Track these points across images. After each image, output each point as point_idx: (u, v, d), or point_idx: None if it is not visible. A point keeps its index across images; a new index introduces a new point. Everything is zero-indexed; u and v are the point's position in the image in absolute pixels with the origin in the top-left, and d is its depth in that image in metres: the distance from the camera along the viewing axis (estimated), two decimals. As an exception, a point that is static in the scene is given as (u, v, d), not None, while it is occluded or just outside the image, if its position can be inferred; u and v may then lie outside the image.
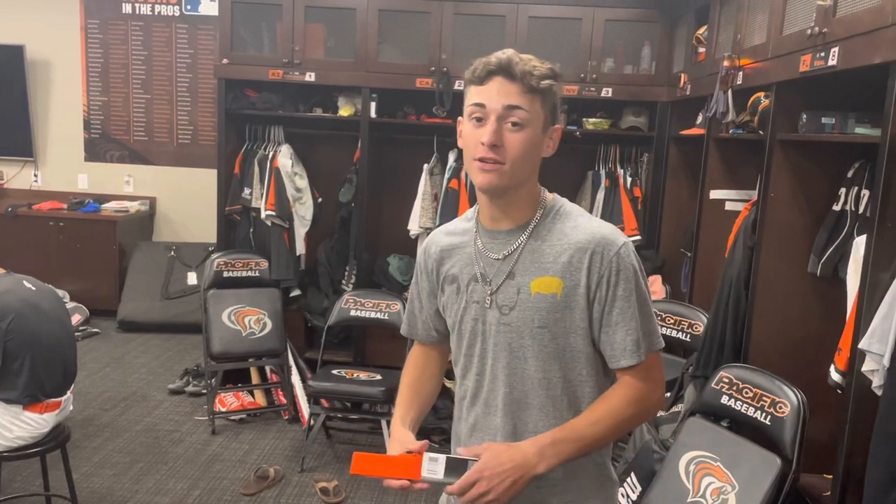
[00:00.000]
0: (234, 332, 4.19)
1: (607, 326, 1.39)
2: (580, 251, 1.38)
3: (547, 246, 1.41)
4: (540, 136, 1.38)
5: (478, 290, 1.45)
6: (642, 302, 1.40)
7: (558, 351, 1.40)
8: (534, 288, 1.39)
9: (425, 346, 1.66)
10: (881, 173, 1.90)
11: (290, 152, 4.61)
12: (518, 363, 1.42)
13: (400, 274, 4.87)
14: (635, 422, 1.47)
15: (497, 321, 1.42)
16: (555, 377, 1.41)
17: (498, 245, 1.44)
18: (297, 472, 3.62)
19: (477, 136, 1.36)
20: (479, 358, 1.47)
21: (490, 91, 1.35)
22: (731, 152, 3.30)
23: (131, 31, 6.08)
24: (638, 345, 1.39)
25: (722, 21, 3.29)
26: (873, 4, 1.96)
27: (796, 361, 2.58)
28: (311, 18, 4.37)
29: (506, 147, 1.34)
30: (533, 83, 1.34)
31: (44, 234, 5.83)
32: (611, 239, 1.39)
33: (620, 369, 1.41)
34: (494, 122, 1.34)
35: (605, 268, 1.37)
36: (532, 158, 1.39)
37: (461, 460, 1.36)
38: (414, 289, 1.63)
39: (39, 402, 2.72)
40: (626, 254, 1.39)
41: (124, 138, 6.24)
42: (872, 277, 1.95)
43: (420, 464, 1.37)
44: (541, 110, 1.37)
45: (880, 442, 1.89)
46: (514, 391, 1.43)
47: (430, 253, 1.57)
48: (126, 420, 4.13)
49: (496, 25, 4.28)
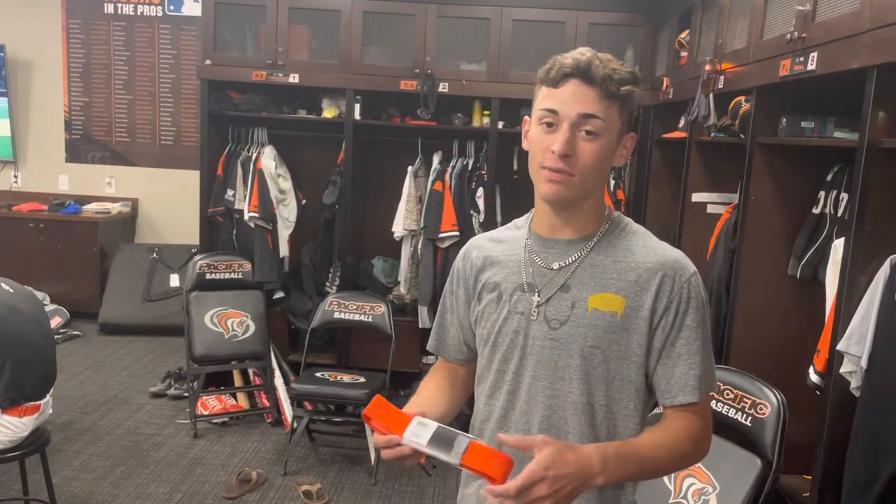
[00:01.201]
0: (216, 334, 4.16)
1: (667, 358, 1.28)
2: (650, 272, 1.28)
3: (611, 261, 1.30)
4: (614, 145, 1.28)
5: (523, 301, 1.32)
6: (706, 337, 1.30)
7: (607, 376, 1.28)
8: (591, 304, 1.28)
9: (452, 365, 1.51)
10: (859, 177, 1.93)
11: (274, 154, 4.60)
12: (561, 384, 1.29)
13: (384, 276, 4.87)
14: (688, 461, 1.33)
15: (544, 335, 1.30)
16: (598, 404, 1.29)
17: (553, 255, 1.33)
18: (280, 475, 3.60)
19: (546, 143, 1.25)
20: (513, 374, 1.34)
21: (564, 95, 1.24)
22: (713, 155, 3.33)
23: (113, 32, 6.03)
24: (699, 381, 1.27)
25: (704, 26, 3.32)
26: (852, 10, 1.98)
27: (776, 363, 2.60)
28: (294, 20, 4.36)
29: (577, 157, 1.24)
30: (612, 88, 1.23)
31: (24, 235, 5.77)
32: (683, 264, 1.30)
33: (674, 407, 1.29)
34: (567, 129, 1.23)
35: (675, 294, 1.27)
36: (603, 169, 1.29)
37: (452, 434, 1.19)
38: (448, 299, 1.49)
39: (18, 406, 2.69)
40: (698, 284, 1.29)
41: (106, 139, 6.18)
42: (851, 280, 1.97)
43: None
44: (618, 118, 1.26)
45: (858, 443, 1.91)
46: (552, 415, 1.30)
47: (470, 258, 1.44)
48: (107, 424, 4.09)
49: (480, 28, 4.29)
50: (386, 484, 3.60)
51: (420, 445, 1.19)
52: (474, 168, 4.52)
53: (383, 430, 1.22)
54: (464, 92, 4.32)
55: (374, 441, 1.26)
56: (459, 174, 4.46)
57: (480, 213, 4.40)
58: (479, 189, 4.43)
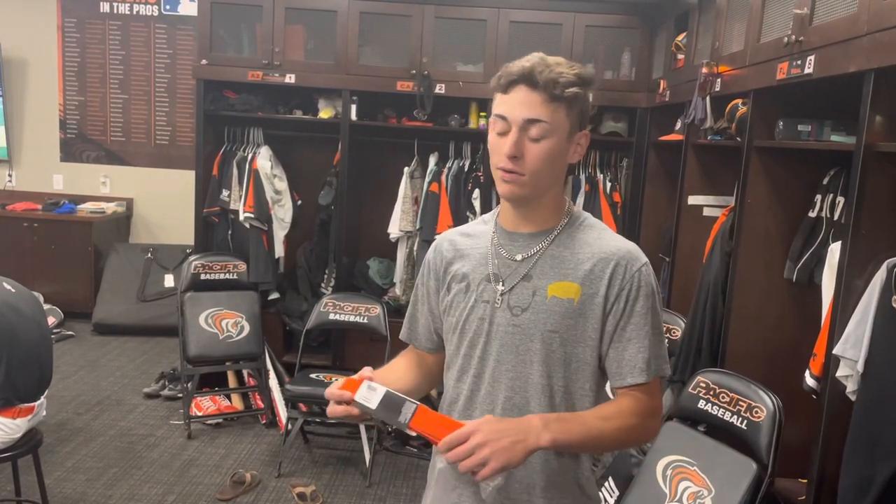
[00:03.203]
0: (211, 335, 4.14)
1: (618, 342, 1.36)
2: (604, 261, 1.36)
3: (569, 253, 1.39)
4: (564, 144, 1.35)
5: (489, 290, 1.41)
6: (657, 324, 1.38)
7: (565, 359, 1.37)
8: (551, 291, 1.36)
9: (421, 353, 1.59)
10: (856, 180, 1.93)
11: (270, 154, 4.59)
12: (523, 367, 1.38)
13: (380, 277, 4.86)
14: (635, 434, 1.41)
15: (507, 322, 1.38)
16: (557, 385, 1.37)
17: (517, 247, 1.42)
18: (274, 476, 3.59)
19: (499, 147, 1.34)
20: (479, 359, 1.42)
21: (513, 102, 1.32)
22: (710, 158, 3.33)
23: (109, 31, 6.01)
24: (648, 364, 1.36)
25: (701, 28, 3.32)
26: (849, 14, 1.98)
27: (772, 366, 2.60)
28: (291, 20, 4.35)
29: (526, 159, 1.32)
30: (557, 92, 1.30)
31: (18, 235, 5.74)
32: (635, 255, 1.38)
33: (624, 387, 1.37)
34: (515, 133, 1.31)
35: (626, 281, 1.35)
36: (554, 168, 1.37)
37: (400, 399, 1.27)
38: (419, 290, 1.58)
39: (13, 407, 2.67)
40: (648, 273, 1.38)
41: (101, 139, 6.16)
42: (847, 284, 1.97)
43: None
44: (565, 119, 1.33)
45: (854, 447, 1.91)
46: (514, 396, 1.38)
47: (440, 250, 1.52)
48: (100, 424, 4.07)
49: (477, 29, 4.29)
50: (380, 486, 3.59)
51: (369, 409, 1.27)
52: (470, 169, 4.52)
53: (337, 393, 1.30)
54: (460, 93, 4.32)
55: (325, 393, 1.33)
56: (456, 175, 4.46)
57: (476, 214, 4.39)
58: (476, 190, 4.42)
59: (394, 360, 1.61)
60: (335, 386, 1.32)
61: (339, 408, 1.31)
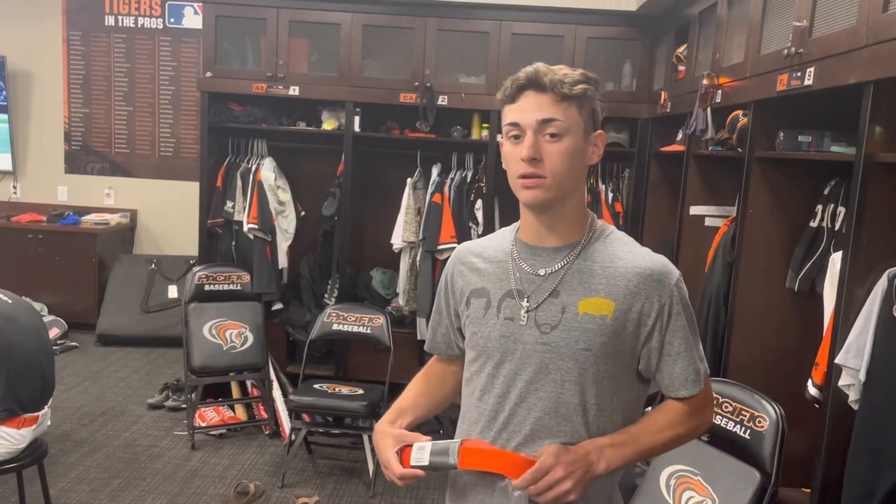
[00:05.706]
0: (214, 345, 4.16)
1: (668, 356, 1.36)
2: (639, 277, 1.34)
3: (598, 267, 1.35)
4: (582, 143, 1.33)
5: (512, 306, 1.37)
6: (695, 331, 1.40)
7: (597, 376, 1.34)
8: (582, 308, 1.33)
9: (444, 360, 1.59)
10: (856, 191, 1.95)
11: (273, 165, 4.61)
12: (554, 387, 1.34)
13: (383, 288, 4.87)
14: (688, 437, 1.43)
15: (535, 340, 1.34)
16: (590, 403, 1.34)
17: (539, 261, 1.38)
18: (278, 487, 3.59)
19: (516, 154, 1.32)
20: (504, 378, 1.38)
21: (523, 107, 1.31)
22: (711, 169, 3.34)
23: (114, 44, 6.06)
24: (698, 373, 1.38)
25: (701, 40, 3.35)
26: (848, 26, 2.00)
27: (775, 376, 2.61)
28: (295, 33, 4.39)
29: (545, 160, 1.30)
30: (565, 91, 1.30)
31: (22, 246, 5.76)
32: (669, 268, 1.37)
33: (678, 398, 1.39)
34: (531, 136, 1.30)
35: (666, 297, 1.34)
36: (576, 168, 1.34)
37: (444, 445, 1.34)
38: (439, 301, 1.56)
39: (17, 417, 2.68)
40: (682, 285, 1.38)
41: (105, 150, 6.20)
42: (848, 293, 1.98)
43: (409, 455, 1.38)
44: (578, 117, 1.32)
45: (857, 456, 1.92)
46: (544, 416, 1.35)
47: (457, 264, 1.50)
48: (104, 435, 4.08)
49: (479, 41, 4.32)
50: (384, 497, 3.59)
51: (427, 467, 1.35)
52: (473, 180, 4.54)
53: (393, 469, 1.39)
54: (463, 105, 4.35)
55: (399, 483, 1.39)
56: (458, 186, 4.48)
57: (479, 225, 4.41)
58: (478, 201, 4.44)
59: (409, 384, 1.61)
60: (394, 468, 1.37)
61: (409, 480, 1.37)
